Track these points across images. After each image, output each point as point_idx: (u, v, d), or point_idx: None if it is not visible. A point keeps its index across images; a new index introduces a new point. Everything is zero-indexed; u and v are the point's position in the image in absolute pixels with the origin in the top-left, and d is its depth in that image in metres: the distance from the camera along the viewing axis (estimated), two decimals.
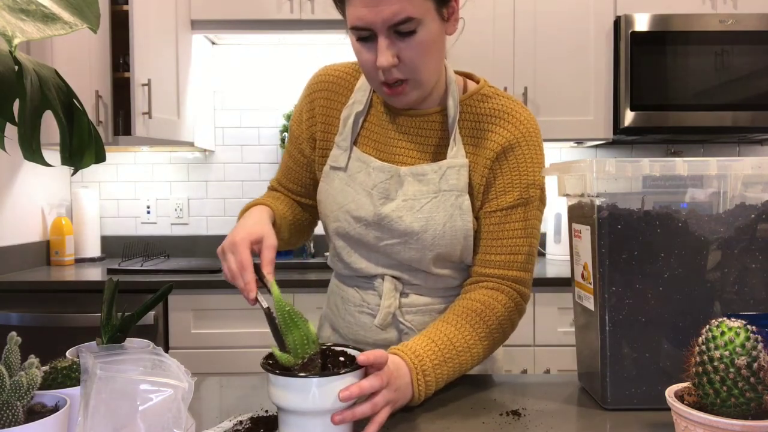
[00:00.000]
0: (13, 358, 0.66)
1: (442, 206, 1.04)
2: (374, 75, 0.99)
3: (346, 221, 1.08)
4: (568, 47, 2.52)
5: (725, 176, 0.88)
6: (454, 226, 1.04)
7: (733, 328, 0.67)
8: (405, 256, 1.06)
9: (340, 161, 1.09)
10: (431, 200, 1.04)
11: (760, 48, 2.44)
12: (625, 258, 0.89)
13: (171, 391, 0.69)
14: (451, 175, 1.04)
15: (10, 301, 2.23)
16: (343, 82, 1.15)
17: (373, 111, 1.11)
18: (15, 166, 2.51)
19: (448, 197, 1.04)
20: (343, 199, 1.08)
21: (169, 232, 2.94)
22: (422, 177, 1.05)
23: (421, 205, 1.04)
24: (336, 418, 0.75)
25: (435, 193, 1.04)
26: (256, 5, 2.49)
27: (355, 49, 1.01)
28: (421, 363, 0.92)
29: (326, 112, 1.14)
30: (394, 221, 1.04)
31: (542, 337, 2.29)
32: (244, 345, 2.27)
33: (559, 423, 0.87)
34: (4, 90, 0.64)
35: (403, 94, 1.01)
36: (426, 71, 0.99)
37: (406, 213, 1.04)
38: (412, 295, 1.10)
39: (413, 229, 1.03)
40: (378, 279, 1.10)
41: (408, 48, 0.95)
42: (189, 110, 2.59)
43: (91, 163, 0.77)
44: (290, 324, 0.77)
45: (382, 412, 0.81)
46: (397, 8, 0.91)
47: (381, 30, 0.94)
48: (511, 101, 1.08)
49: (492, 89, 1.10)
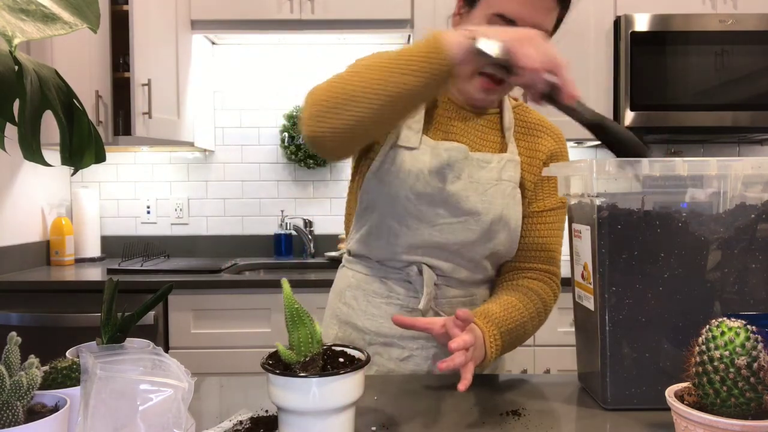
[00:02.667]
0: (13, 358, 0.66)
1: (501, 194, 1.11)
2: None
3: (407, 198, 1.08)
4: (568, 47, 2.52)
5: (725, 176, 0.88)
6: (509, 214, 1.12)
7: (733, 328, 0.67)
8: (460, 237, 1.10)
9: (412, 141, 1.11)
10: (493, 186, 1.11)
11: (760, 48, 2.43)
12: (625, 258, 0.89)
13: (171, 391, 0.69)
14: (509, 167, 1.13)
15: (10, 301, 2.23)
16: None
17: (441, 103, 1.17)
18: (15, 166, 2.51)
19: (506, 187, 1.12)
20: (406, 176, 1.08)
21: (169, 232, 2.94)
22: (486, 164, 1.12)
23: (485, 189, 1.11)
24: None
25: (496, 180, 1.12)
26: (256, 5, 2.49)
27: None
28: (492, 329, 1.02)
29: None
30: (462, 200, 1.09)
31: (542, 337, 2.29)
32: (244, 345, 2.27)
33: (559, 423, 0.87)
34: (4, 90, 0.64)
35: (497, 92, 1.10)
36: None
37: (472, 193, 1.10)
38: (443, 287, 1.14)
39: (477, 209, 1.09)
40: (412, 267, 1.12)
41: None
42: (189, 110, 2.59)
43: (91, 163, 0.77)
44: (297, 321, 0.77)
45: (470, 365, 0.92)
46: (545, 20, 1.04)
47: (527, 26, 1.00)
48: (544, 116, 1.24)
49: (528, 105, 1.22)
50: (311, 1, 2.48)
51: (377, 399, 0.96)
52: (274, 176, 2.93)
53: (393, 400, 0.95)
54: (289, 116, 2.87)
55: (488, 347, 1.01)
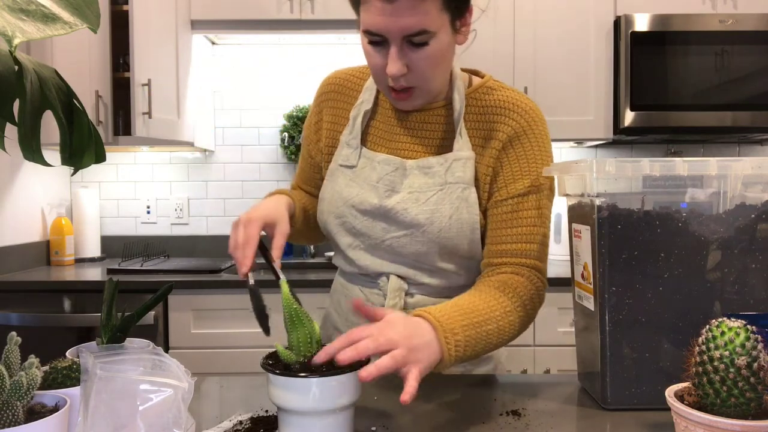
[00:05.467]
0: (13, 358, 0.66)
1: (448, 198, 1.04)
2: (382, 78, 1.01)
3: (352, 215, 1.09)
4: (568, 47, 2.52)
5: (725, 176, 0.88)
6: (461, 218, 1.04)
7: (733, 328, 0.67)
8: (411, 249, 1.06)
9: (351, 160, 1.10)
10: (437, 192, 1.05)
11: (760, 48, 2.43)
12: (625, 258, 0.89)
13: (171, 391, 0.69)
14: (457, 167, 1.05)
15: (10, 301, 2.23)
16: (350, 84, 1.17)
17: (380, 109, 1.13)
18: (15, 166, 2.51)
19: (454, 189, 1.04)
20: (348, 194, 1.09)
21: (169, 232, 2.94)
22: (428, 170, 1.06)
23: (427, 198, 1.05)
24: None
25: (441, 185, 1.05)
26: (256, 5, 2.49)
27: (365, 50, 1.01)
28: (447, 321, 0.87)
29: (334, 113, 1.16)
30: (400, 213, 1.05)
31: (542, 337, 2.29)
32: (244, 345, 2.27)
33: (559, 423, 0.87)
34: (4, 90, 0.64)
35: (409, 99, 1.03)
36: (434, 81, 1.02)
37: (412, 205, 1.05)
38: (417, 296, 1.10)
39: (419, 221, 1.04)
40: (383, 277, 1.10)
41: (419, 58, 0.96)
42: (189, 110, 2.59)
43: (91, 163, 0.77)
44: (296, 322, 0.77)
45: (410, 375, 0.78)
46: (415, 21, 0.92)
47: (395, 39, 0.94)
48: (515, 93, 1.09)
49: (497, 82, 1.11)
50: (311, 1, 2.48)
51: (377, 399, 0.96)
52: (274, 176, 2.93)
53: (393, 400, 0.95)
54: (289, 116, 2.87)
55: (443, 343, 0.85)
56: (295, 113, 2.85)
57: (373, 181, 1.08)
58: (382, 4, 0.92)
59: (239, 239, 0.98)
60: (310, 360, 0.77)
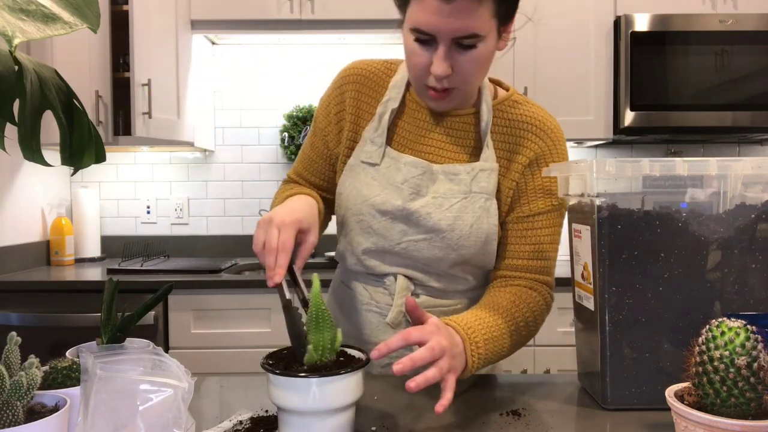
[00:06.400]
0: (13, 358, 0.66)
1: (471, 207, 1.05)
2: (423, 77, 1.00)
3: (371, 215, 1.07)
4: (568, 47, 2.52)
5: (725, 176, 0.88)
6: (481, 228, 1.05)
7: (733, 328, 0.67)
8: (426, 254, 1.06)
9: (374, 157, 1.08)
10: (461, 200, 1.05)
11: (760, 48, 2.43)
12: (625, 258, 0.89)
13: (171, 391, 0.69)
14: (482, 177, 1.06)
15: (10, 301, 2.23)
16: (375, 77, 1.13)
17: (406, 109, 1.11)
18: (15, 166, 2.51)
19: (478, 199, 1.05)
20: (368, 192, 1.07)
21: (169, 232, 2.94)
22: (454, 176, 1.06)
23: (451, 204, 1.05)
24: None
25: (465, 193, 1.05)
26: (256, 5, 2.49)
27: (408, 48, 0.99)
28: (473, 335, 0.93)
29: (357, 105, 1.12)
30: (423, 217, 1.04)
31: (542, 337, 2.29)
32: (244, 345, 2.27)
33: (559, 423, 0.87)
34: (4, 90, 0.64)
35: (447, 100, 1.02)
36: (474, 84, 1.03)
37: (435, 210, 1.05)
38: (423, 296, 1.10)
39: (440, 227, 1.04)
40: (390, 277, 1.09)
41: (465, 61, 0.96)
42: (189, 110, 2.59)
43: (91, 163, 0.77)
44: (321, 324, 0.77)
45: (450, 378, 0.83)
46: (469, 24, 0.92)
47: (444, 39, 0.94)
48: (540, 109, 1.12)
49: (521, 96, 1.13)
50: (311, 1, 2.48)
51: (377, 399, 0.96)
52: (274, 176, 2.93)
53: (393, 400, 0.95)
54: (289, 116, 2.87)
55: (469, 356, 0.91)
56: (295, 113, 2.85)
57: (398, 182, 1.06)
58: (439, 4, 0.91)
59: (273, 242, 0.87)
60: (323, 365, 0.77)
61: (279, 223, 0.89)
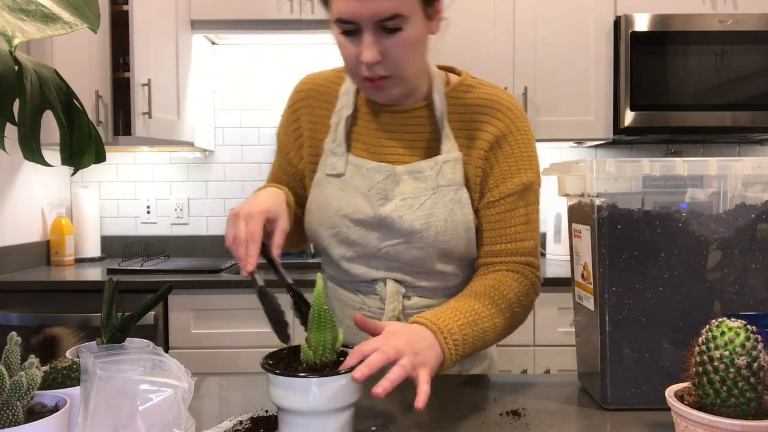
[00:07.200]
0: (13, 358, 0.66)
1: (442, 202, 1.04)
2: (357, 70, 0.98)
3: (345, 226, 1.07)
4: (568, 47, 2.52)
5: (725, 176, 0.88)
6: (455, 220, 1.04)
7: (733, 328, 0.67)
8: (409, 256, 1.05)
9: (338, 167, 1.07)
10: (430, 197, 1.04)
11: (760, 48, 2.43)
12: (625, 258, 0.89)
13: (171, 391, 0.69)
14: (447, 169, 1.04)
15: (10, 301, 2.23)
16: (326, 88, 1.14)
17: (360, 114, 1.10)
18: (15, 166, 2.51)
19: (447, 192, 1.04)
20: (338, 203, 1.07)
21: (169, 232, 2.94)
22: (419, 174, 1.05)
23: (421, 203, 1.04)
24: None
25: (433, 189, 1.04)
26: (256, 5, 2.49)
27: (338, 43, 0.99)
28: (444, 323, 0.90)
29: (312, 120, 1.13)
30: (396, 221, 1.03)
31: (542, 337, 2.29)
32: (244, 345, 2.27)
33: (559, 423, 0.87)
34: (4, 90, 0.64)
35: (385, 89, 1.00)
36: (409, 68, 1.00)
37: (407, 212, 1.03)
38: (414, 298, 1.09)
39: (415, 228, 1.03)
40: (380, 282, 1.09)
41: (393, 45, 0.95)
42: (189, 110, 2.59)
43: (91, 163, 0.77)
44: (323, 323, 0.77)
45: (421, 373, 0.80)
46: (387, 5, 0.91)
47: (367, 25, 0.93)
48: (495, 89, 1.09)
49: (474, 79, 1.10)
50: (311, 1, 2.48)
51: (377, 399, 0.96)
52: None
53: (393, 400, 0.95)
54: None
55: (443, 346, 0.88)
56: None
57: (364, 189, 1.05)
58: None
59: (242, 234, 0.91)
60: (323, 365, 0.77)
61: (245, 216, 0.93)
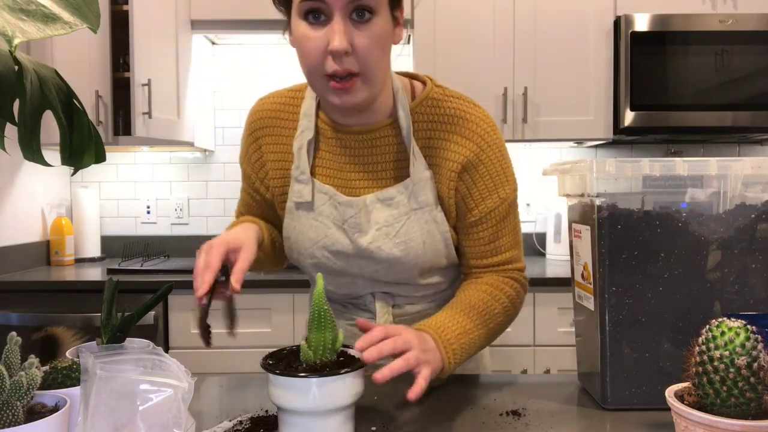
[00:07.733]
0: (13, 358, 0.66)
1: (417, 224, 1.02)
2: (320, 65, 0.91)
3: (325, 257, 1.05)
4: (568, 47, 2.52)
5: (725, 176, 0.88)
6: (434, 239, 1.03)
7: (733, 328, 0.67)
8: (393, 277, 1.06)
9: (305, 195, 1.05)
10: (405, 222, 1.02)
11: (760, 48, 2.43)
12: (625, 258, 0.89)
13: (171, 391, 0.69)
14: (418, 191, 1.01)
15: (10, 301, 2.23)
16: (283, 111, 1.10)
17: (322, 138, 1.06)
18: (15, 166, 2.51)
19: (422, 214, 1.02)
20: (315, 235, 1.05)
21: (169, 232, 2.94)
22: (390, 201, 1.02)
23: (396, 230, 1.01)
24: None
25: (407, 214, 1.02)
26: (256, 5, 2.49)
27: (299, 38, 0.93)
28: (444, 333, 0.93)
29: (275, 148, 1.10)
30: (374, 252, 1.02)
31: (542, 337, 2.29)
32: (244, 345, 2.26)
33: (559, 423, 0.87)
34: (4, 90, 0.64)
35: (353, 91, 0.92)
36: (377, 67, 0.93)
37: (383, 241, 1.02)
38: (404, 306, 1.10)
39: (394, 255, 1.02)
40: (368, 296, 1.09)
41: (363, 36, 0.90)
42: (189, 110, 2.59)
43: (91, 163, 0.77)
44: (323, 323, 0.77)
45: (423, 370, 0.83)
46: None
47: (339, 9, 0.88)
48: (461, 101, 1.04)
49: (439, 90, 1.05)
50: None
51: (377, 399, 0.96)
52: None
53: (393, 400, 0.95)
54: None
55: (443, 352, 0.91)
56: None
57: (339, 222, 1.03)
58: None
59: (199, 264, 0.92)
60: (323, 365, 0.77)
61: (206, 248, 0.95)
